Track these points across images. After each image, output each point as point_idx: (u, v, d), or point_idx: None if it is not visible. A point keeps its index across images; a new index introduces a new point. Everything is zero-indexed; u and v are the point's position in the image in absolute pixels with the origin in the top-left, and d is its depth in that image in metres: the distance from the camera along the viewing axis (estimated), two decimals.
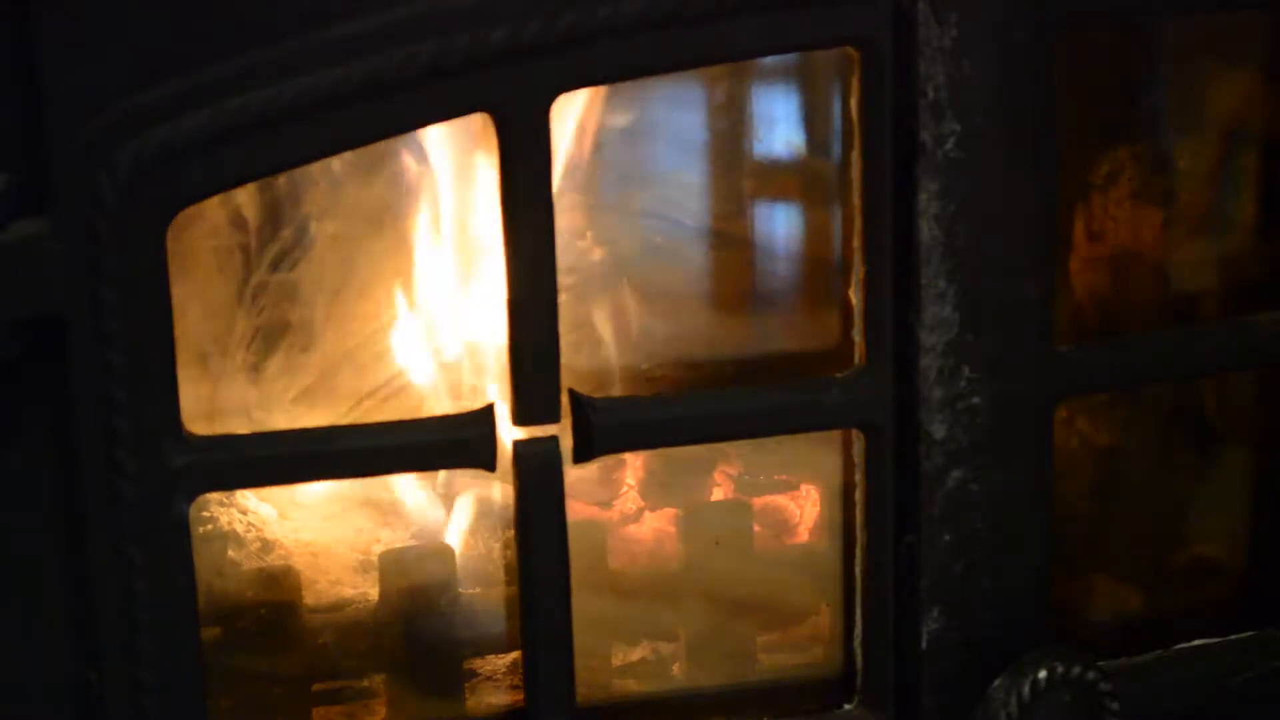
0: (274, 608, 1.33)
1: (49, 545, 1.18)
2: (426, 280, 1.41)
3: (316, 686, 1.34)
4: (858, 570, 1.30)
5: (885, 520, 1.28)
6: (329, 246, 1.38)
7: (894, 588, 1.29)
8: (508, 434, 1.21)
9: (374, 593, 1.35)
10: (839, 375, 1.26)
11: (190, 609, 1.18)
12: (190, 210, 1.14)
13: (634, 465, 1.45)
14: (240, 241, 1.36)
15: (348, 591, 1.39)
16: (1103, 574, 1.48)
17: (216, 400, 1.37)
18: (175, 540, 1.17)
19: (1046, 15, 1.21)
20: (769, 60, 1.39)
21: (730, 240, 1.44)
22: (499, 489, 1.39)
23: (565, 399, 1.20)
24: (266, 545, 1.39)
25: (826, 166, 1.39)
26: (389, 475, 1.37)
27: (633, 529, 1.44)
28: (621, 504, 1.45)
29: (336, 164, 1.34)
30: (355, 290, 1.39)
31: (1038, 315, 1.26)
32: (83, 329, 1.12)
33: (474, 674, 1.36)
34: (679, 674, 1.39)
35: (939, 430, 1.25)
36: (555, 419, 1.20)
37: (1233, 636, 1.40)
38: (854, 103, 1.22)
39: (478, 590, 1.37)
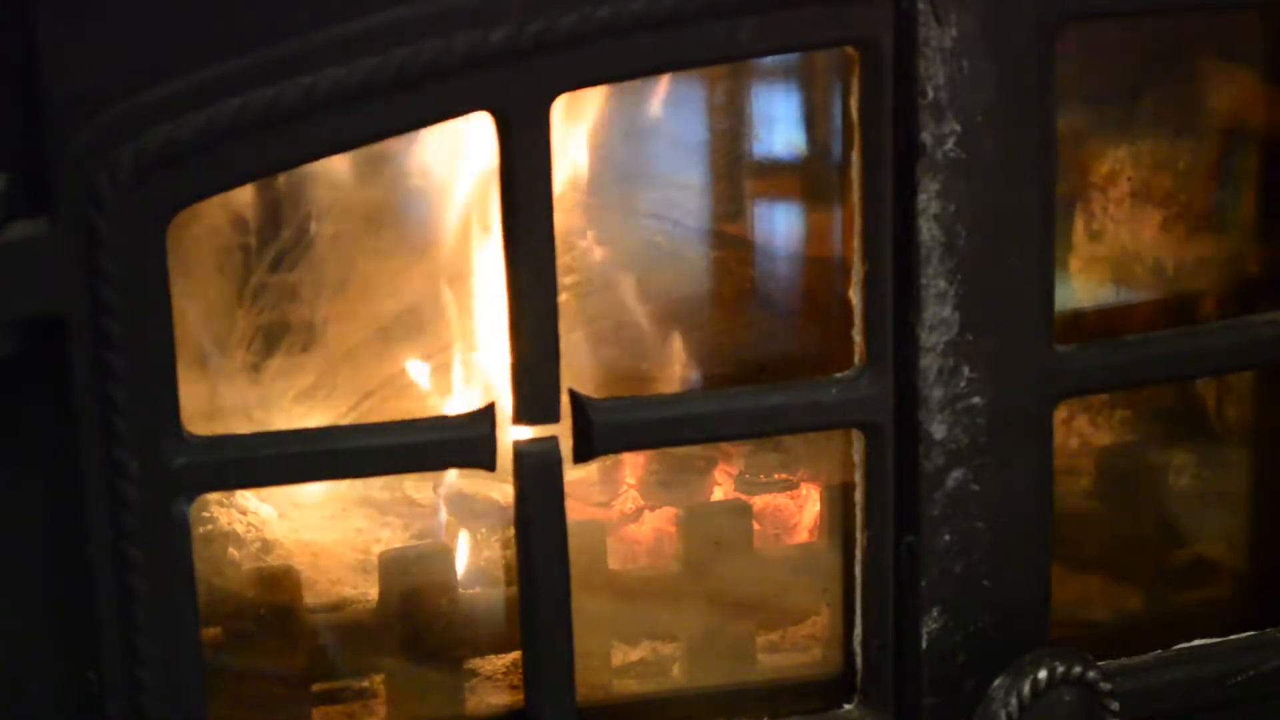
0: (274, 608, 1.33)
1: (49, 545, 1.18)
2: (426, 280, 1.41)
3: (316, 686, 1.34)
4: (858, 570, 1.30)
5: (885, 520, 1.28)
6: (329, 246, 1.38)
7: (894, 588, 1.29)
8: (508, 434, 1.21)
9: (374, 593, 1.35)
10: (839, 375, 1.26)
11: (190, 609, 1.18)
12: (190, 210, 1.14)
13: (634, 465, 1.45)
14: (240, 241, 1.36)
15: (348, 591, 1.39)
16: (1103, 574, 1.48)
17: (216, 400, 1.37)
18: (175, 540, 1.17)
19: (1046, 15, 1.21)
20: (769, 60, 1.39)
21: (730, 240, 1.44)
22: (499, 489, 1.39)
23: (565, 399, 1.20)
24: (266, 545, 1.39)
25: (826, 166, 1.39)
26: (389, 475, 1.37)
27: (632, 529, 1.44)
28: (621, 504, 1.45)
29: (336, 164, 1.34)
30: (355, 290, 1.39)
31: (1038, 315, 1.26)
32: (83, 329, 1.12)
33: (474, 674, 1.36)
34: (679, 674, 1.39)
35: (939, 430, 1.25)
36: (555, 419, 1.20)
37: (1233, 636, 1.40)
38: (854, 103, 1.22)
39: (478, 590, 1.37)
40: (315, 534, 1.42)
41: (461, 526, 1.41)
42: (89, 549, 1.15)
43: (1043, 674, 1.26)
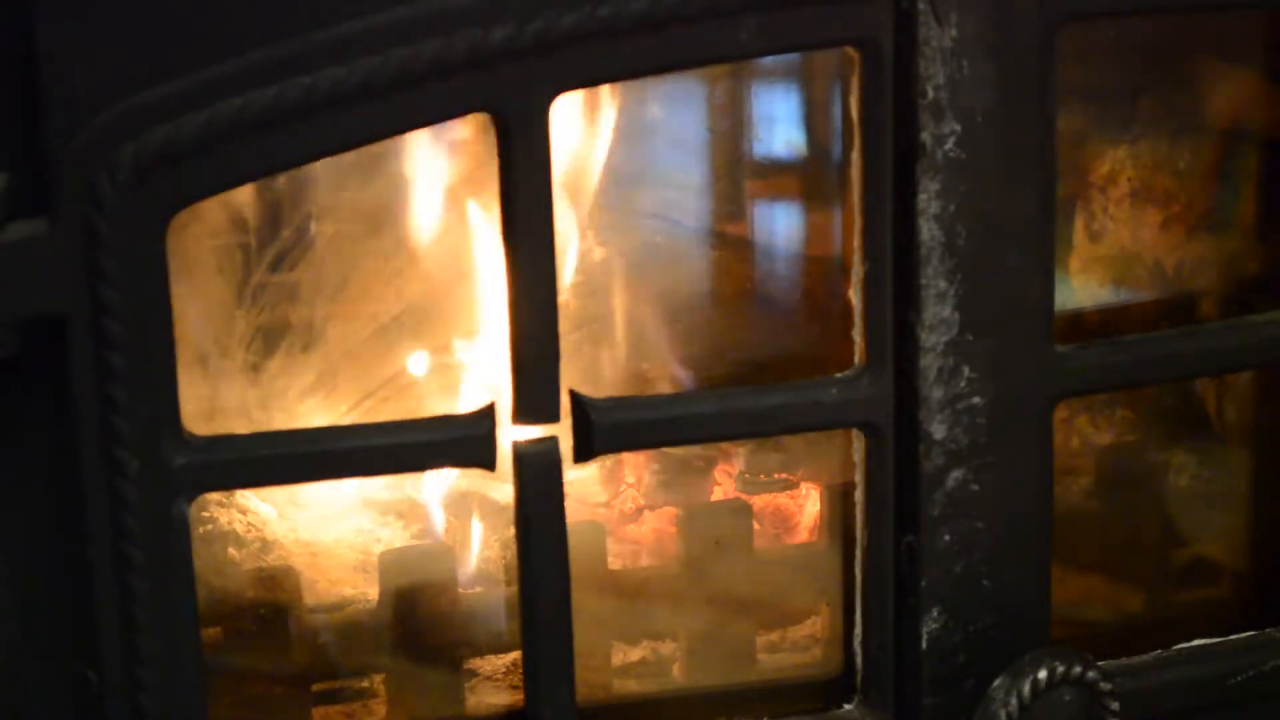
0: (274, 608, 1.33)
1: (49, 545, 1.18)
2: (426, 280, 1.41)
3: (316, 686, 1.34)
4: (858, 570, 1.30)
5: (885, 520, 1.28)
6: (329, 246, 1.38)
7: (894, 588, 1.29)
8: (508, 434, 1.21)
9: (374, 593, 1.35)
10: (839, 375, 1.26)
11: (190, 609, 1.18)
12: (190, 210, 1.14)
13: (634, 465, 1.45)
14: (240, 241, 1.36)
15: (348, 591, 1.39)
16: (1103, 574, 1.48)
17: (216, 400, 1.37)
18: (175, 540, 1.17)
19: (1046, 15, 1.21)
20: (769, 60, 1.39)
21: (730, 240, 1.44)
22: (499, 489, 1.39)
23: (565, 399, 1.20)
24: (266, 545, 1.39)
25: (826, 166, 1.39)
26: (389, 475, 1.37)
27: (633, 529, 1.44)
28: (621, 504, 1.45)
29: (336, 164, 1.34)
30: (355, 290, 1.39)
31: (1038, 315, 1.26)
32: (83, 329, 1.12)
33: (474, 674, 1.36)
34: (679, 674, 1.39)
35: (939, 430, 1.25)
36: (555, 419, 1.20)
37: (1233, 636, 1.40)
38: (854, 103, 1.22)
39: (478, 590, 1.37)
40: (315, 534, 1.42)
41: (461, 526, 1.41)
42: (89, 549, 1.15)
43: (1043, 674, 1.26)
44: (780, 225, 1.45)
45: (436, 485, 1.43)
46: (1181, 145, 1.46)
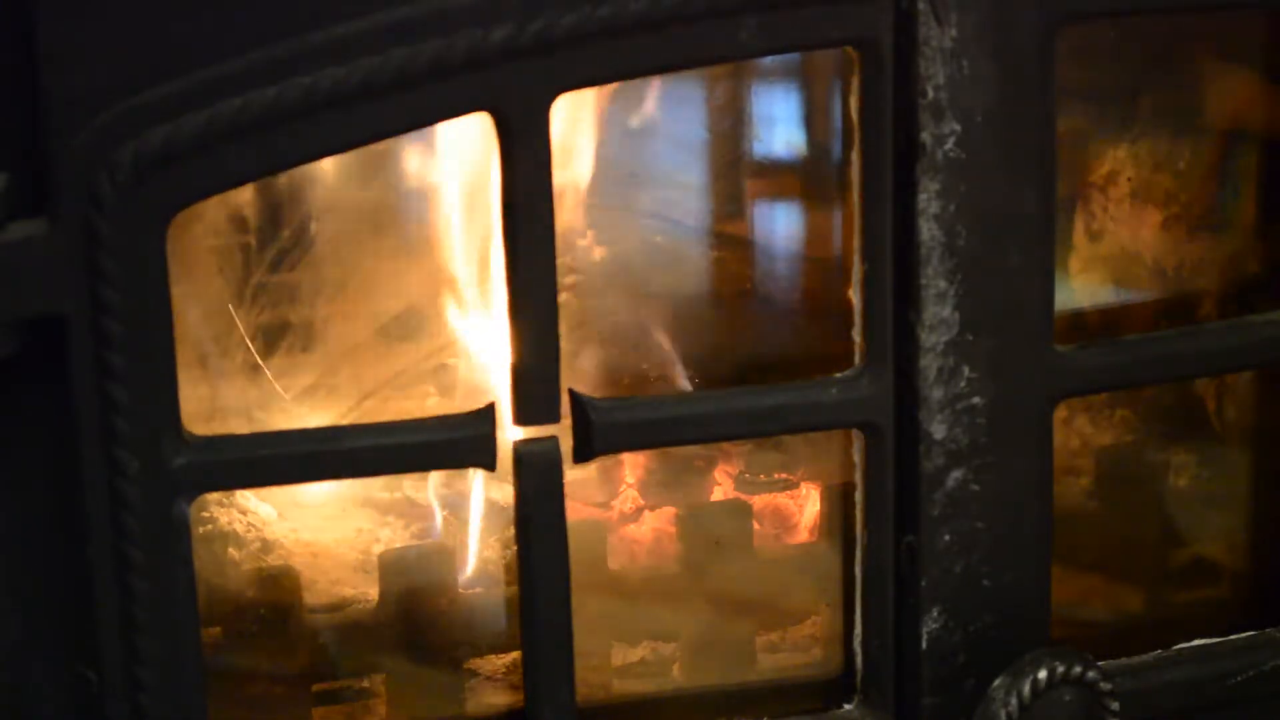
0: (274, 608, 1.33)
1: (49, 545, 1.18)
2: (426, 280, 1.41)
3: (316, 686, 1.34)
4: (858, 570, 1.30)
5: (885, 520, 1.28)
6: (329, 246, 1.38)
7: (894, 588, 1.29)
8: (508, 434, 1.21)
9: (374, 593, 1.35)
10: (839, 375, 1.26)
11: (190, 609, 1.18)
12: (190, 210, 1.14)
13: (634, 465, 1.45)
14: (240, 241, 1.36)
15: (348, 591, 1.39)
16: (1103, 574, 1.48)
17: (216, 400, 1.37)
18: (175, 540, 1.17)
19: (1046, 15, 1.21)
20: (769, 60, 1.39)
21: (730, 240, 1.44)
22: (499, 489, 1.39)
23: (565, 399, 1.20)
24: (266, 545, 1.39)
25: (826, 166, 1.39)
26: (389, 475, 1.37)
27: (632, 529, 1.44)
28: (621, 504, 1.45)
29: (337, 164, 1.34)
30: (355, 290, 1.39)
31: (1038, 315, 1.26)
32: (83, 329, 1.12)
33: (474, 674, 1.36)
34: (679, 674, 1.39)
35: (939, 430, 1.25)
36: (555, 419, 1.20)
37: (1233, 636, 1.40)
38: (854, 103, 1.22)
39: (478, 590, 1.37)
40: (315, 534, 1.42)
41: (461, 526, 1.41)
42: (89, 549, 1.15)
43: (1043, 674, 1.26)
44: (780, 225, 1.45)
45: (436, 485, 1.43)
46: (1181, 145, 1.46)
